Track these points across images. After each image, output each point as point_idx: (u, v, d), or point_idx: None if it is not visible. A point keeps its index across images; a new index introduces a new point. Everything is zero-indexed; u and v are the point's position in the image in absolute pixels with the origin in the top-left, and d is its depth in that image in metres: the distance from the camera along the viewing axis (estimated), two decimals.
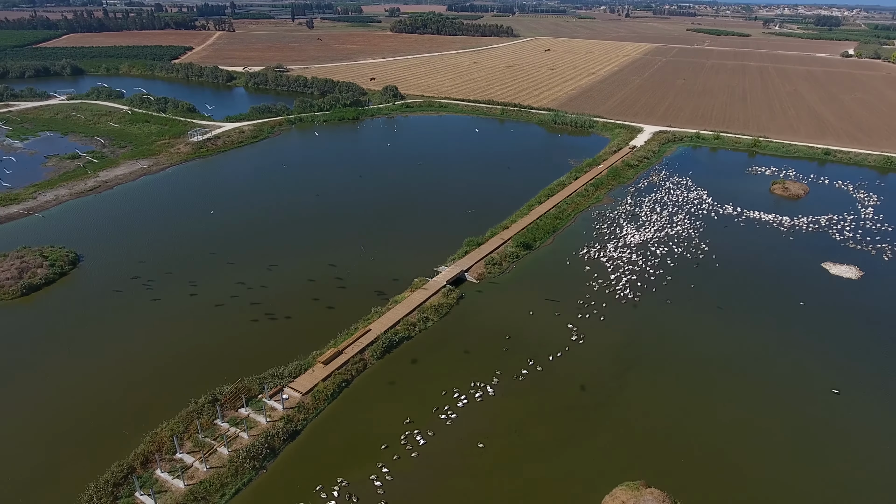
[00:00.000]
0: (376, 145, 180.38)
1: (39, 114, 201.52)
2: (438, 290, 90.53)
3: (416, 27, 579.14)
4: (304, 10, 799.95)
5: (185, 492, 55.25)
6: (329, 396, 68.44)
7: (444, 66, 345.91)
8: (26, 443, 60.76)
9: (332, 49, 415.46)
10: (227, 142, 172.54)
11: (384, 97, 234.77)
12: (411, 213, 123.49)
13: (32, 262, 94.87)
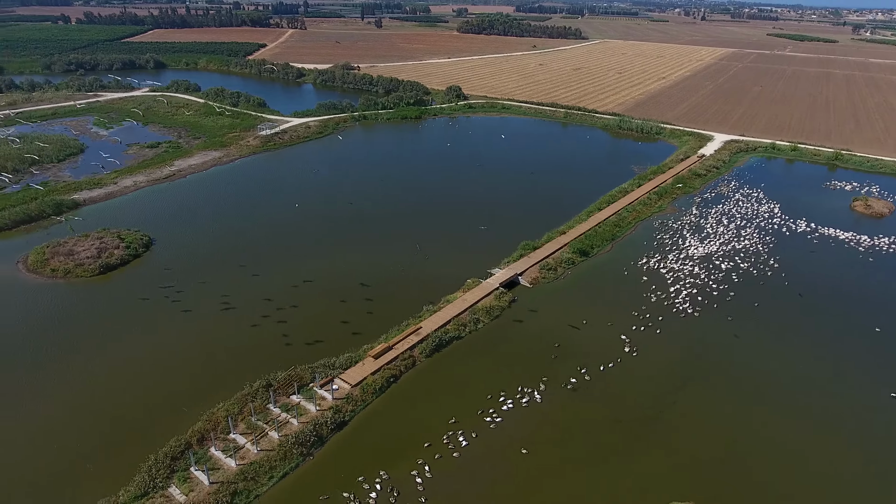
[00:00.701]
0: (436, 145, 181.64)
1: (124, 104, 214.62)
2: (491, 292, 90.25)
3: (482, 28, 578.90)
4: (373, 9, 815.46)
5: (237, 471, 57.53)
6: (377, 390, 69.56)
7: (508, 67, 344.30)
8: (95, 412, 64.88)
9: (399, 48, 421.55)
10: (293, 136, 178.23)
11: (447, 97, 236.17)
12: (467, 214, 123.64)
13: (110, 243, 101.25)
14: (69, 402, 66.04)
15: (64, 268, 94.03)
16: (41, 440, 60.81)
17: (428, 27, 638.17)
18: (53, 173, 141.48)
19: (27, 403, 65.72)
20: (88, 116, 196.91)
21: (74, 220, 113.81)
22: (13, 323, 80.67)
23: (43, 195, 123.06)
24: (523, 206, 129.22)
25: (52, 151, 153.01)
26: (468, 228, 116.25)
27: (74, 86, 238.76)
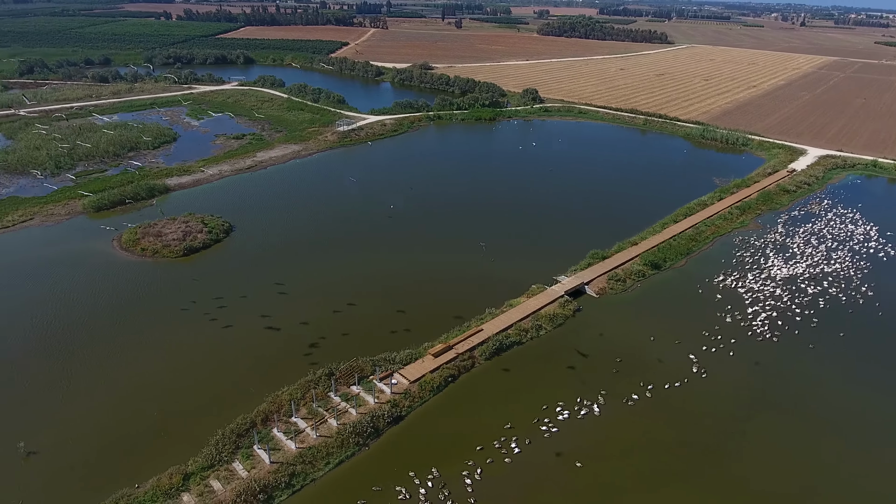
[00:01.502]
0: (509, 147, 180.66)
1: (214, 97, 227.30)
2: (556, 299, 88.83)
3: (563, 30, 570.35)
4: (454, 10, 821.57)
5: (296, 453, 59.65)
6: (435, 388, 70.10)
7: (588, 71, 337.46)
8: (171, 384, 69.09)
9: (477, 49, 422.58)
10: (369, 133, 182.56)
11: (523, 100, 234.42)
12: (536, 218, 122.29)
13: (194, 228, 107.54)
14: (149, 373, 70.73)
15: (152, 248, 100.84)
16: (122, 406, 65.49)
17: (507, 28, 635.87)
18: (148, 159, 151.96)
19: (111, 371, 70.94)
20: (182, 107, 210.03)
21: (164, 204, 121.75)
22: (105, 296, 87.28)
23: (138, 179, 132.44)
24: (595, 214, 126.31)
25: (149, 139, 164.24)
26: (536, 233, 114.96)
27: (171, 78, 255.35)
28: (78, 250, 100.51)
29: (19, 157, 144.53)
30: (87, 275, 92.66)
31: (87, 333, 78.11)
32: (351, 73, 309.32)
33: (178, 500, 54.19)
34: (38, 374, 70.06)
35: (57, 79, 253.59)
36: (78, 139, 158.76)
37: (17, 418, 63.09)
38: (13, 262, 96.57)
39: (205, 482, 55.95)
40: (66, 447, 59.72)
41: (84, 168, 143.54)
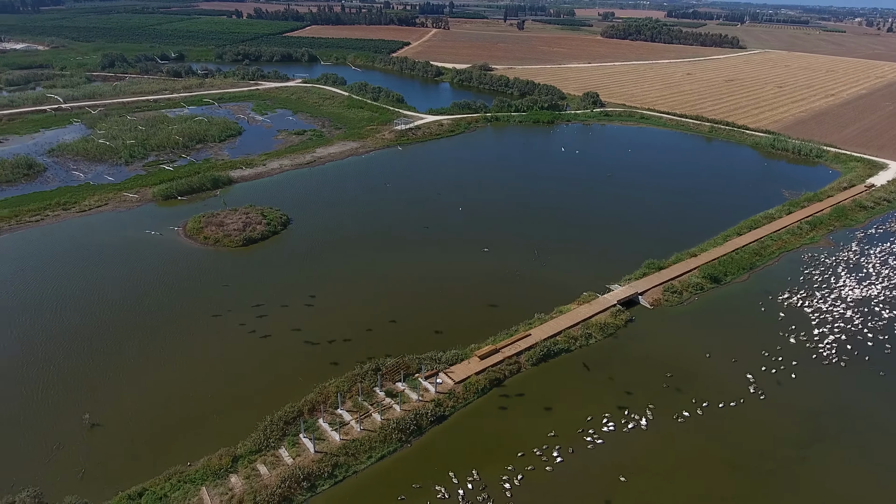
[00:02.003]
0: (566, 151, 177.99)
1: (278, 93, 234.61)
2: (607, 308, 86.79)
3: (628, 33, 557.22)
4: (516, 11, 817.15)
5: (340, 445, 60.71)
6: (479, 390, 69.84)
7: (652, 75, 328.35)
8: (225, 369, 71.73)
9: (538, 51, 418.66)
10: (426, 133, 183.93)
11: (583, 103, 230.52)
12: (591, 225, 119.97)
13: (254, 219, 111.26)
14: (203, 356, 73.68)
15: (214, 237, 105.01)
16: (178, 387, 68.49)
17: (570, 31, 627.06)
18: (215, 152, 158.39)
19: (170, 352, 74.29)
20: (248, 102, 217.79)
21: (227, 195, 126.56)
22: (168, 280, 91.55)
23: (204, 170, 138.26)
24: (652, 223, 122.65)
25: (216, 132, 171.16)
26: (589, 240, 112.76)
27: (239, 74, 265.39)
28: (146, 236, 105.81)
29: (97, 145, 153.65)
30: (153, 259, 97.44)
31: (150, 315, 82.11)
32: (411, 72, 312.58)
33: (226, 480, 56.17)
34: (105, 351, 74.17)
35: (135, 73, 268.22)
36: (151, 130, 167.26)
37: (84, 391, 67.03)
38: (88, 243, 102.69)
39: (252, 465, 57.79)
40: (126, 422, 62.97)
41: (155, 158, 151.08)
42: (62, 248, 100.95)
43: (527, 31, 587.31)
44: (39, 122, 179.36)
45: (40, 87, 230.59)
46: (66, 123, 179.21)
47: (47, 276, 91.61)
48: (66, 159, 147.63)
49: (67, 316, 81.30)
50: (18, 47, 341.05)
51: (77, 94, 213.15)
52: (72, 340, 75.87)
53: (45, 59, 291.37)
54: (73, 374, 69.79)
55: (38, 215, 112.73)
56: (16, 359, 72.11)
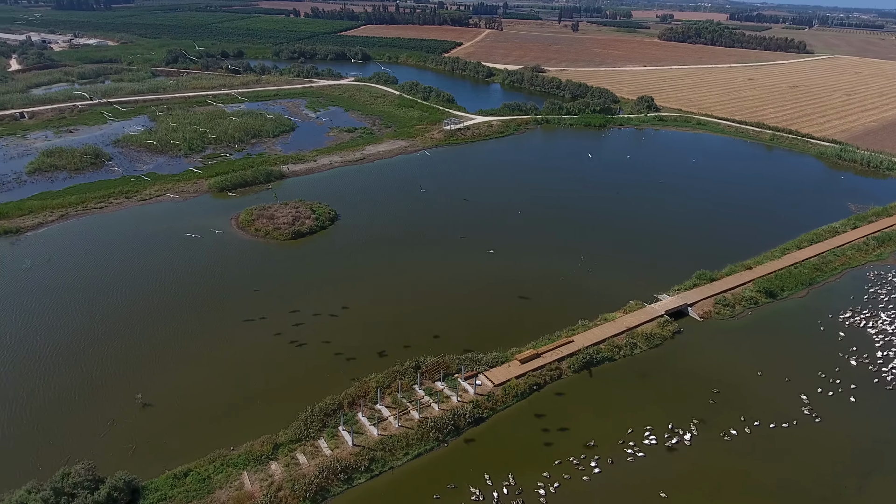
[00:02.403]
0: (617, 156, 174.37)
1: (331, 91, 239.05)
2: (654, 318, 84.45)
3: (687, 36, 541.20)
4: (571, 12, 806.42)
5: (377, 440, 61.25)
6: (518, 394, 69.16)
7: (711, 80, 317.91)
8: (270, 359, 73.48)
9: (592, 53, 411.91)
10: (475, 133, 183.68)
11: (637, 107, 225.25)
12: (640, 232, 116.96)
13: (303, 213, 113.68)
14: (250, 345, 75.68)
15: (265, 229, 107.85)
16: (226, 373, 70.62)
17: (626, 33, 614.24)
18: (268, 146, 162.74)
19: (218, 339, 76.66)
20: (302, 99, 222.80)
21: (278, 189, 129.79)
22: (220, 269, 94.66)
23: (258, 164, 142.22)
24: (705, 232, 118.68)
25: (270, 128, 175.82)
26: (638, 247, 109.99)
27: (294, 72, 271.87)
28: (201, 225, 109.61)
29: (159, 138, 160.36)
30: (207, 248, 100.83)
31: (201, 302, 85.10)
32: (462, 73, 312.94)
33: (267, 466, 57.54)
34: (158, 334, 77.25)
35: (196, 68, 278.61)
36: (209, 125, 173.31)
37: (137, 371, 69.96)
38: (146, 231, 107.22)
39: (291, 454, 58.99)
40: (176, 403, 65.38)
41: (212, 151, 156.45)
42: (123, 235, 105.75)
43: (581, 33, 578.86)
44: (106, 115, 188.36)
45: (109, 81, 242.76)
46: (131, 116, 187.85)
47: (108, 260, 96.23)
48: (131, 150, 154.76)
49: (124, 298, 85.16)
50: (91, 42, 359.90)
51: (142, 88, 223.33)
52: (128, 322, 79.37)
53: (114, 54, 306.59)
54: (128, 355, 72.94)
55: (103, 202, 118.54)
56: (77, 336, 76.01)
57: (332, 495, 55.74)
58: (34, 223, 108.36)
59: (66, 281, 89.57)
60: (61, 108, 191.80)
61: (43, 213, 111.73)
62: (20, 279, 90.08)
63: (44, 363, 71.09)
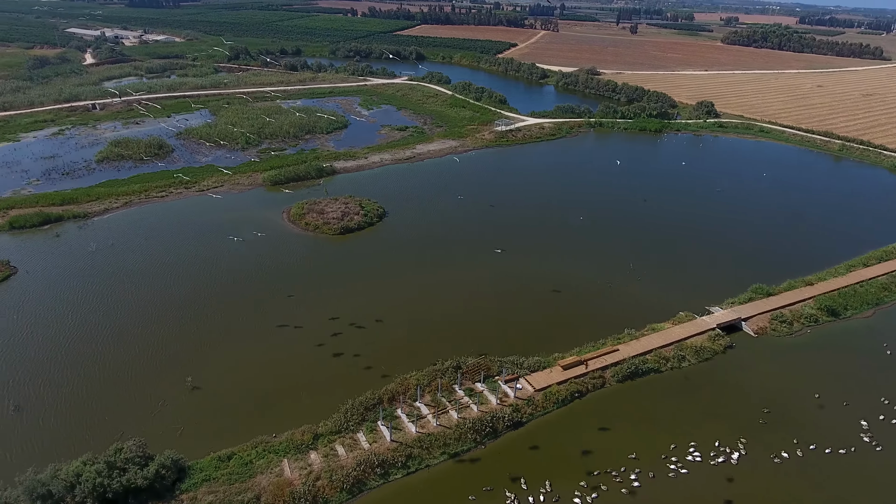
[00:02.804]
0: (671, 162, 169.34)
1: (385, 90, 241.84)
2: (705, 331, 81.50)
3: (752, 40, 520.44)
4: (630, 14, 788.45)
5: (415, 437, 61.49)
6: (559, 401, 68.07)
7: (777, 86, 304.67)
8: (316, 350, 74.90)
9: (650, 56, 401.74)
10: (526, 135, 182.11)
11: (696, 112, 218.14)
12: (694, 241, 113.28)
13: (352, 209, 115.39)
14: (295, 337, 77.35)
15: (314, 223, 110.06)
16: (271, 362, 72.41)
17: (688, 36, 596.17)
18: (321, 143, 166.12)
19: (266, 329, 78.62)
20: (356, 97, 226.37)
21: (329, 185, 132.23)
22: (270, 260, 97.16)
23: (311, 160, 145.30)
24: (764, 244, 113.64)
25: (324, 124, 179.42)
26: (691, 257, 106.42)
27: (349, 70, 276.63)
28: (254, 217, 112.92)
29: (218, 131, 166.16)
30: (259, 239, 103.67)
31: (250, 292, 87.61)
32: (516, 74, 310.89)
33: (307, 455, 58.66)
34: (209, 321, 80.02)
35: (256, 65, 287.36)
36: (266, 120, 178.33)
37: (189, 356, 72.61)
38: (202, 221, 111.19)
39: (330, 445, 59.94)
40: (223, 389, 67.52)
41: (268, 146, 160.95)
42: (180, 224, 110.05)
43: (640, 36, 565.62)
44: (171, 108, 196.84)
45: (174, 76, 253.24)
46: (194, 109, 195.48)
47: (166, 247, 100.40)
48: (191, 142, 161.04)
49: (179, 285, 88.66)
50: (160, 38, 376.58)
51: (205, 83, 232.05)
52: (181, 307, 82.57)
53: (180, 50, 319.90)
54: (180, 339, 75.84)
55: (164, 191, 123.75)
56: (133, 318, 79.63)
57: (369, 488, 56.33)
58: (101, 209, 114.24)
59: (126, 265, 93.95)
60: (129, 101, 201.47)
61: (109, 200, 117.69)
62: (85, 260, 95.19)
63: (101, 342, 74.79)
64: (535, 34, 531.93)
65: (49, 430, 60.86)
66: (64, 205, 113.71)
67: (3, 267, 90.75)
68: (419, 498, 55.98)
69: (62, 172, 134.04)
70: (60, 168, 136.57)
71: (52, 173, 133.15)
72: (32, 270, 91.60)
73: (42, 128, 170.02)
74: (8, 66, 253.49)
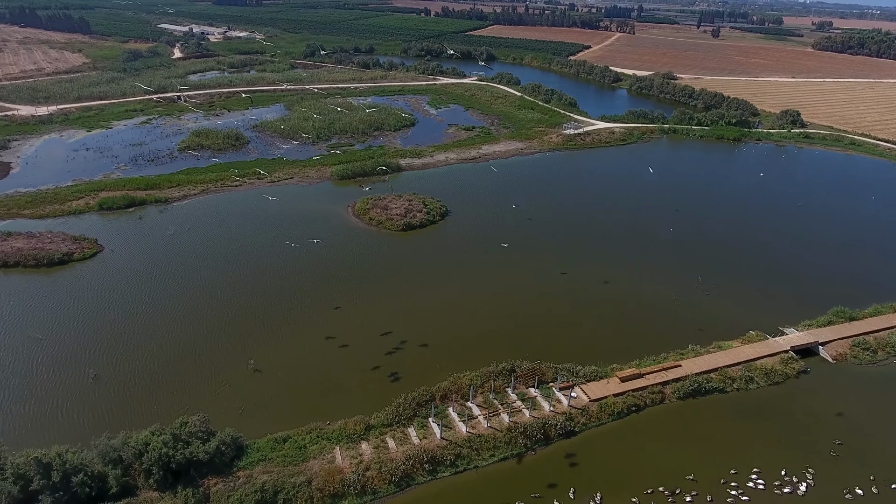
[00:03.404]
0: (749, 173, 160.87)
1: (454, 89, 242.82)
2: (777, 352, 76.92)
3: (847, 46, 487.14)
4: (713, 17, 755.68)
5: (465, 437, 61.35)
6: (615, 413, 66.12)
7: (872, 96, 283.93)
8: (375, 343, 76.08)
9: (732, 61, 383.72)
10: (595, 139, 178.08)
11: (780, 122, 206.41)
12: (770, 257, 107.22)
13: (416, 207, 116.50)
14: (356, 329, 78.80)
15: (378, 218, 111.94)
16: (329, 351, 74.24)
17: (775, 40, 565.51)
18: (389, 140, 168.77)
19: (325, 319, 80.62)
20: (425, 96, 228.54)
21: (394, 181, 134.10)
22: (333, 252, 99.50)
23: (377, 156, 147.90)
24: (848, 264, 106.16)
25: (392, 122, 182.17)
26: (766, 274, 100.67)
27: (420, 69, 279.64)
28: (321, 210, 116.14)
29: (291, 125, 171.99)
30: (325, 232, 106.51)
31: (314, 281, 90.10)
32: (587, 76, 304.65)
33: (358, 445, 59.72)
34: (273, 307, 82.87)
35: (330, 62, 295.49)
36: (337, 115, 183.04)
37: (253, 339, 75.51)
38: (272, 210, 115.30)
39: (381, 437, 60.76)
40: (283, 373, 69.78)
41: (337, 141, 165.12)
42: (252, 212, 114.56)
43: (722, 39, 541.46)
44: (248, 101, 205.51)
45: (253, 71, 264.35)
46: (269, 104, 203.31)
47: (238, 234, 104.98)
48: (266, 135, 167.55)
49: (247, 271, 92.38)
50: (241, 35, 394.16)
51: (281, 79, 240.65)
52: (248, 293, 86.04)
53: (260, 47, 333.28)
54: (246, 322, 79.02)
55: (238, 181, 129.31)
56: (203, 300, 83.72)
57: (416, 483, 56.69)
58: (180, 195, 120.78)
59: (199, 249, 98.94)
60: (211, 94, 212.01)
61: (188, 187, 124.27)
62: (164, 243, 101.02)
63: (173, 320, 79.01)
64: (610, 36, 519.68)
65: (122, 400, 64.90)
66: (148, 189, 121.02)
67: (92, 245, 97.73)
68: (466, 498, 55.81)
69: (148, 159, 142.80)
70: (146, 155, 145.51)
71: (138, 159, 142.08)
72: (116, 249, 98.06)
73: (132, 117, 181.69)
74: (106, 58, 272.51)
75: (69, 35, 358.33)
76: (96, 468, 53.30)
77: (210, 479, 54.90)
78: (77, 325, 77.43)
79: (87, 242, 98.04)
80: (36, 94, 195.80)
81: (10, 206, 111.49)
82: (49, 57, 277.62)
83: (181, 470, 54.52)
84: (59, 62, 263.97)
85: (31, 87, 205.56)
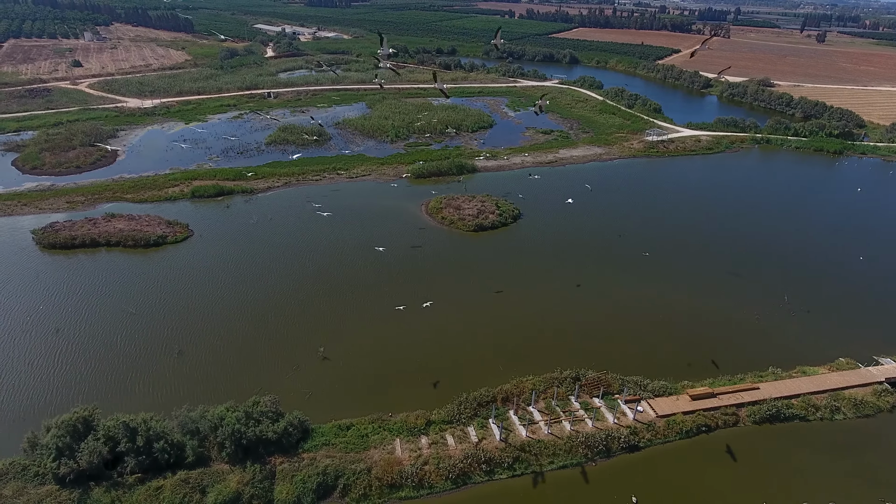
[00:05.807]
0: (847, 189, 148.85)
1: (534, 92, 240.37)
2: (869, 383, 71.01)
3: None
4: (819, 20, 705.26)
5: (524, 441, 60.87)
6: (683, 431, 63.40)
7: None
8: (444, 342, 77.06)
9: (837, 68, 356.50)
10: (679, 147, 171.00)
11: (890, 135, 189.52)
12: (867, 280, 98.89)
13: (488, 208, 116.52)
14: (425, 325, 79.92)
15: (450, 218, 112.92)
16: (398, 346, 75.70)
17: (889, 47, 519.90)
18: (465, 140, 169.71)
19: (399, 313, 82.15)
20: (504, 98, 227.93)
21: (469, 182, 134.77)
22: (404, 250, 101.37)
23: (453, 156, 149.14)
24: None
25: (470, 123, 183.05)
26: (861, 297, 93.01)
27: (500, 71, 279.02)
28: (395, 207, 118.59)
29: (372, 123, 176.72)
30: (397, 229, 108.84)
31: (385, 276, 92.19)
32: (675, 82, 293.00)
33: (418, 439, 60.64)
34: (344, 297, 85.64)
35: (413, 63, 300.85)
36: (415, 115, 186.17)
37: (324, 328, 78.41)
38: (350, 204, 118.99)
39: (441, 434, 61.39)
40: (351, 363, 71.97)
41: (415, 140, 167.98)
42: (329, 205, 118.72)
43: (827, 45, 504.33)
44: (332, 99, 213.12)
45: (339, 70, 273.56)
46: (352, 102, 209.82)
47: (315, 226, 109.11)
48: (347, 132, 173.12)
49: (323, 262, 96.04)
50: (330, 35, 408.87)
51: (364, 78, 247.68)
52: (319, 283, 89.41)
53: (346, 47, 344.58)
54: (317, 311, 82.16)
55: (318, 175, 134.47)
56: (280, 287, 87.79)
57: (473, 483, 56.86)
58: (264, 186, 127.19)
59: (278, 238, 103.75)
60: (298, 91, 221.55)
61: (272, 179, 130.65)
62: (247, 231, 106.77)
63: (251, 304, 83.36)
64: (702, 40, 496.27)
65: (201, 375, 69.23)
66: (235, 180, 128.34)
67: (184, 229, 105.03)
68: (522, 502, 55.38)
69: (237, 151, 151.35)
70: (236, 147, 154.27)
71: (229, 151, 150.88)
72: (205, 235, 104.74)
73: (225, 111, 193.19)
74: (205, 56, 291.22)
75: (174, 34, 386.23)
76: (175, 437, 57.24)
77: (276, 458, 57.60)
78: (166, 303, 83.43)
79: (179, 227, 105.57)
80: (143, 88, 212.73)
81: (115, 189, 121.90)
82: (156, 54, 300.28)
83: (251, 446, 57.51)
84: (165, 59, 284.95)
85: (139, 82, 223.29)
